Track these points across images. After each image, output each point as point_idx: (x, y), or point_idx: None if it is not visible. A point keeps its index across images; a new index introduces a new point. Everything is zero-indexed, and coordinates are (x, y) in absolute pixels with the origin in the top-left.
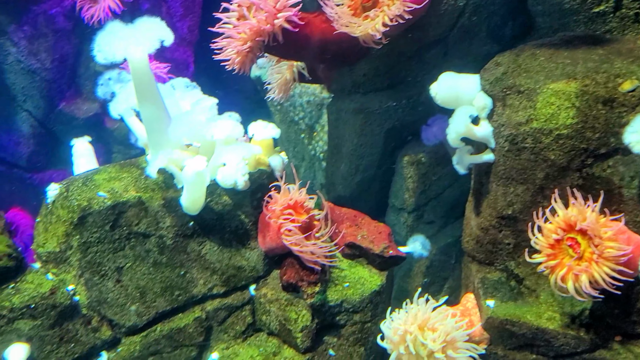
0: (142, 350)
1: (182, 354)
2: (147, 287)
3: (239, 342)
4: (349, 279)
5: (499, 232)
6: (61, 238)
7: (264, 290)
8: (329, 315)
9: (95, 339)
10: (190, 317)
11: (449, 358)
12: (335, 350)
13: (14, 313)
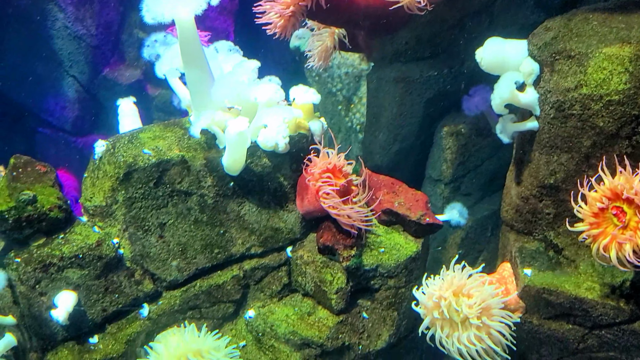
0: (182, 304)
1: (220, 310)
2: (188, 244)
3: (274, 301)
4: (385, 245)
5: (540, 201)
6: (107, 193)
7: (301, 252)
8: (364, 279)
9: (138, 292)
10: (228, 275)
11: (483, 325)
12: (368, 313)
13: (63, 262)
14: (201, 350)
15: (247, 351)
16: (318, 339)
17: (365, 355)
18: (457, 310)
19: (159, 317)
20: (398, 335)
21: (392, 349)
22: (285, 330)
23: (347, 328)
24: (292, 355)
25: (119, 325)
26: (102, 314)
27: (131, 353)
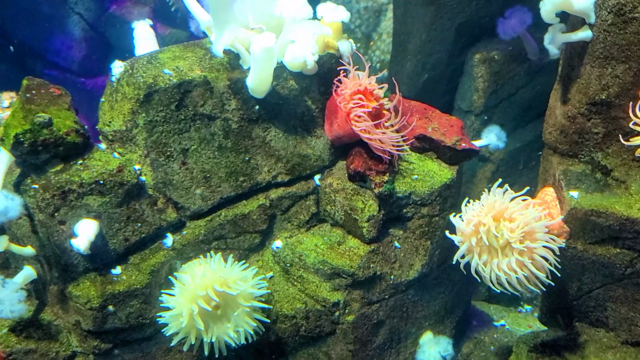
0: (207, 234)
1: (246, 240)
2: (212, 172)
3: (302, 232)
4: (418, 172)
5: (588, 120)
6: (127, 116)
7: (330, 179)
8: (396, 207)
9: (161, 221)
10: (254, 204)
11: (527, 249)
12: (400, 242)
13: (83, 188)
14: (228, 280)
15: (274, 282)
16: (349, 268)
17: (396, 285)
18: (497, 236)
19: (183, 248)
20: (431, 265)
21: (424, 279)
22: (315, 259)
23: (378, 257)
24: (321, 286)
25: (142, 256)
26: (124, 244)
27: (155, 284)
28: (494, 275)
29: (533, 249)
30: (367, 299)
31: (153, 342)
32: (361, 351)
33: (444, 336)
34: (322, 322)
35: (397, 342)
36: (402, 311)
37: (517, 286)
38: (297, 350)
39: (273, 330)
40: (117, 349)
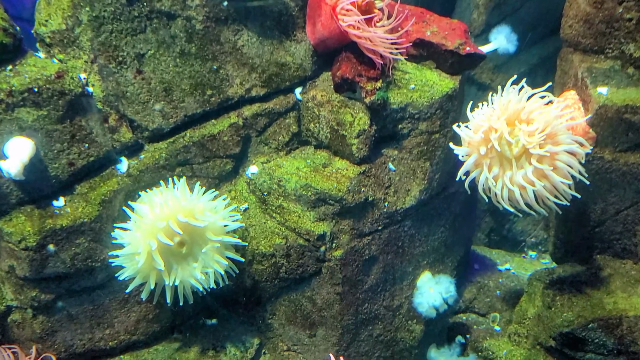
0: (169, 158)
1: (216, 167)
2: (174, 83)
3: (281, 155)
4: (415, 82)
5: (619, 4)
6: (67, 11)
7: (313, 92)
8: (390, 123)
9: (114, 142)
10: (225, 123)
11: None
12: (395, 164)
13: (13, 98)
14: (194, 210)
15: (249, 216)
16: (336, 193)
17: (391, 215)
18: (512, 143)
19: (141, 174)
20: (430, 191)
21: (422, 208)
22: (296, 184)
23: (370, 180)
24: (304, 216)
25: (91, 184)
26: (68, 170)
27: (107, 218)
28: (505, 192)
29: (555, 154)
30: (357, 230)
31: (106, 292)
32: (350, 294)
33: (445, 275)
34: (305, 260)
35: (391, 283)
36: (397, 246)
37: (533, 204)
38: (277, 296)
39: (248, 272)
40: (61, 301)
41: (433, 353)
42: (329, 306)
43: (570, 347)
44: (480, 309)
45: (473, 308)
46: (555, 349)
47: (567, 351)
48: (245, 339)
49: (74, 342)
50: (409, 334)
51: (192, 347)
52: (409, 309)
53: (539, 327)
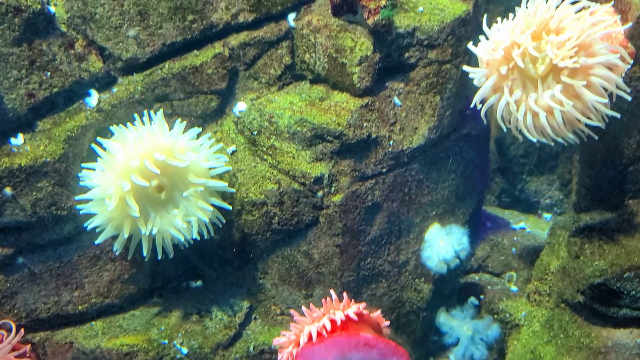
0: (146, 92)
1: (199, 104)
2: (150, 5)
3: (273, 91)
4: (424, 4)
5: None
6: None
7: (308, 17)
8: (396, 50)
9: (81, 71)
10: (208, 53)
11: (581, 68)
12: (401, 99)
13: None
14: (173, 148)
15: (238, 159)
16: (335, 127)
17: (396, 155)
18: (537, 58)
19: (114, 110)
20: (440, 130)
21: (432, 149)
22: (290, 120)
23: (373, 115)
24: (299, 156)
25: (55, 120)
26: (28, 102)
27: (74, 158)
28: (529, 118)
29: (590, 67)
30: (359, 172)
31: (74, 247)
32: (351, 246)
33: (457, 225)
34: (300, 208)
35: (397, 235)
36: (404, 192)
37: (562, 129)
38: (269, 252)
39: (237, 225)
40: (22, 257)
41: (443, 317)
42: (328, 261)
43: (601, 301)
44: (495, 268)
45: (486, 267)
46: (584, 305)
47: (598, 307)
48: (233, 302)
49: (37, 306)
50: (416, 294)
51: (174, 312)
52: (416, 265)
53: (563, 282)
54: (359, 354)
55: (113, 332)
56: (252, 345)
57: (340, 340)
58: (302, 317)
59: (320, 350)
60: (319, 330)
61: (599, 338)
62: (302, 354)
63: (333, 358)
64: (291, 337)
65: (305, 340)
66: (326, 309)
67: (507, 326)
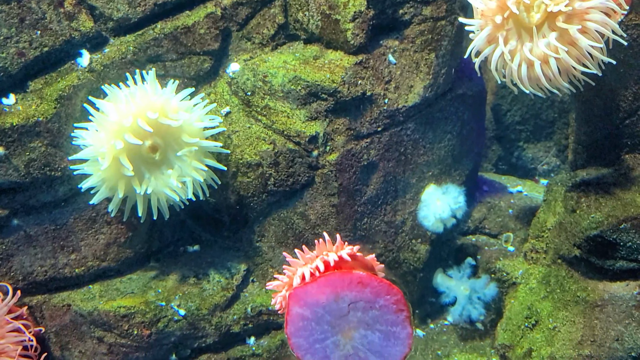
0: (138, 52)
1: (192, 65)
2: None
3: (266, 52)
4: None
5: None
6: None
7: None
8: (390, 6)
9: (72, 31)
10: (200, 13)
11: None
12: (396, 57)
13: None
14: (166, 108)
15: (232, 121)
16: (330, 84)
17: (392, 114)
18: (531, 7)
19: (106, 70)
20: (435, 88)
21: (427, 109)
22: (284, 78)
23: (368, 73)
24: (293, 115)
25: (47, 80)
26: (19, 61)
27: (66, 118)
28: (524, 68)
29: (585, 12)
30: (354, 130)
31: (69, 209)
32: (347, 206)
33: (453, 185)
34: (296, 169)
35: (393, 195)
36: (400, 152)
37: (557, 78)
38: (265, 215)
39: (232, 187)
40: (17, 219)
41: (440, 278)
42: (324, 222)
43: (598, 254)
44: (492, 230)
45: (483, 229)
46: (580, 258)
47: (595, 260)
48: (230, 265)
49: (34, 269)
50: (413, 254)
51: (171, 275)
52: (412, 226)
53: (560, 237)
54: (352, 293)
55: (110, 294)
56: (250, 306)
57: (333, 279)
58: (295, 260)
59: (313, 289)
60: (312, 272)
61: (595, 291)
62: (295, 294)
63: (326, 297)
64: (284, 279)
65: (299, 282)
66: (319, 250)
67: (504, 285)
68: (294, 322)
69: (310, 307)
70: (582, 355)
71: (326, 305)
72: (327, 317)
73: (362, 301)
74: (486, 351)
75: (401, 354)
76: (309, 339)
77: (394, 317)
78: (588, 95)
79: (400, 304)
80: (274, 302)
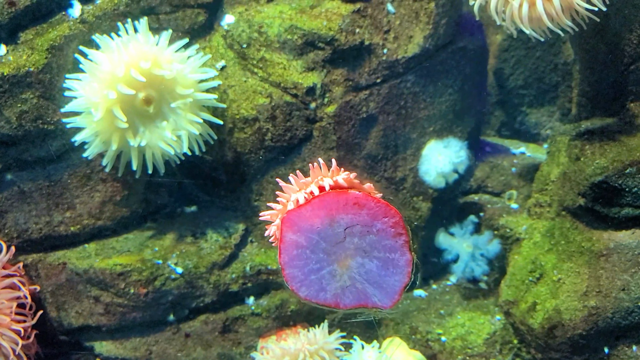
0: (130, 4)
1: (186, 18)
2: None
3: (262, 3)
4: None
5: None
6: None
7: None
8: None
9: None
10: None
11: None
12: (395, 6)
13: None
14: (159, 58)
15: (227, 75)
16: (327, 32)
17: (391, 64)
18: None
19: (98, 21)
20: (435, 39)
21: (427, 60)
22: (280, 28)
23: (366, 22)
24: (290, 66)
25: (38, 31)
26: (9, 11)
27: (58, 68)
28: (525, 8)
29: None
30: (352, 81)
31: (63, 165)
32: (347, 160)
33: (455, 138)
34: (294, 122)
35: (393, 151)
36: (400, 105)
37: (560, 16)
38: (263, 173)
39: (229, 144)
40: (10, 174)
41: (442, 236)
42: None
43: (603, 202)
44: (494, 188)
45: (486, 187)
46: (585, 208)
47: (600, 208)
48: (228, 225)
49: (29, 226)
50: (414, 212)
51: (168, 234)
52: (413, 183)
53: (564, 188)
54: (348, 216)
55: (106, 253)
56: (249, 265)
57: (327, 200)
58: (289, 185)
59: (307, 212)
60: (307, 197)
61: (600, 241)
62: (288, 219)
63: (321, 221)
64: (278, 207)
65: (292, 208)
66: (313, 175)
67: (508, 241)
68: (288, 250)
69: (304, 232)
70: (588, 306)
71: (321, 230)
72: (322, 244)
73: (359, 225)
74: (490, 309)
75: (400, 283)
76: (303, 269)
77: (392, 243)
78: (592, 42)
79: (399, 227)
80: (268, 232)
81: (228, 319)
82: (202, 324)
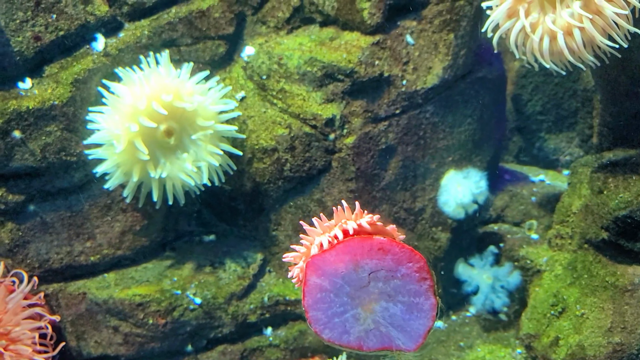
0: (152, 37)
1: (207, 50)
2: None
3: (281, 35)
4: None
5: None
6: None
7: None
8: None
9: (87, 15)
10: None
11: None
12: (414, 37)
13: None
14: (180, 91)
15: (247, 105)
16: (346, 64)
17: (410, 95)
18: None
19: (121, 54)
20: (455, 70)
21: (446, 91)
22: (299, 60)
23: (385, 53)
24: (310, 98)
25: (63, 65)
26: (35, 45)
27: (82, 102)
28: (546, 41)
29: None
30: (371, 112)
31: (84, 196)
32: (366, 192)
33: (475, 168)
34: (312, 153)
35: (412, 181)
36: (419, 136)
37: (581, 51)
38: (282, 202)
39: (248, 174)
40: (33, 204)
41: (462, 267)
42: None
43: (627, 236)
44: (514, 218)
45: (505, 217)
46: (608, 242)
47: (624, 242)
48: (247, 255)
49: (50, 256)
50: (433, 242)
51: (186, 264)
52: (432, 213)
53: (586, 221)
54: (373, 261)
55: (125, 283)
56: (267, 296)
57: (352, 245)
58: (313, 228)
59: (331, 257)
60: (330, 241)
61: (625, 276)
62: (312, 263)
63: (345, 266)
64: (301, 250)
65: (316, 251)
66: (337, 218)
67: (528, 273)
68: (312, 293)
69: (328, 277)
70: (612, 342)
71: (345, 274)
72: (346, 288)
73: (383, 270)
74: (510, 342)
75: (424, 327)
76: (327, 312)
77: (417, 287)
78: (613, 73)
79: (423, 272)
80: (291, 274)
81: (246, 350)
82: (220, 354)
